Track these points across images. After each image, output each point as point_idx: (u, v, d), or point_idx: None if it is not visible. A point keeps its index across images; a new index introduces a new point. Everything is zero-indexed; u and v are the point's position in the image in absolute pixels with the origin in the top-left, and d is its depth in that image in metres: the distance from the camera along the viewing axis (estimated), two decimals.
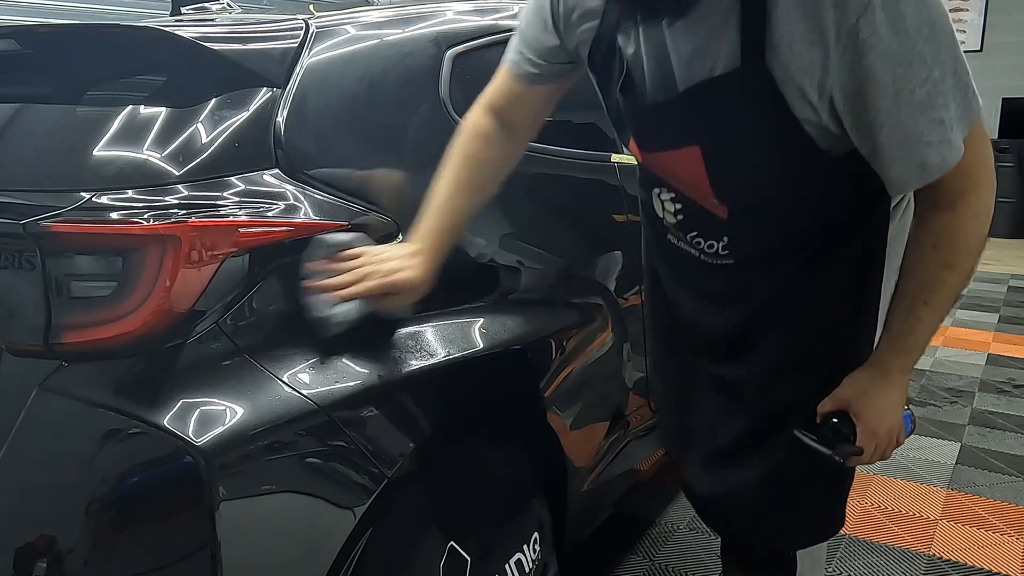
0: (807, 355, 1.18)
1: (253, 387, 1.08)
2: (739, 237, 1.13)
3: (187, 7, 1.91)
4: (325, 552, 1.13)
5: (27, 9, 3.92)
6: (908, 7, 0.86)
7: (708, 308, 1.25)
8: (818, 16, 0.88)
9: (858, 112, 0.93)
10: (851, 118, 0.94)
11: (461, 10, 1.66)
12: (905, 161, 0.95)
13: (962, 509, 2.52)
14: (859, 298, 1.17)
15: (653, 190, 1.21)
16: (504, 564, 1.45)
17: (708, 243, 1.16)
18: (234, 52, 1.25)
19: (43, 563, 1.00)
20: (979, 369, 3.79)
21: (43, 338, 1.03)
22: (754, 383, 1.22)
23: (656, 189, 1.20)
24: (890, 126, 0.92)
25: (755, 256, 1.14)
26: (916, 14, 0.86)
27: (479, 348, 1.37)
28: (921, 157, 0.94)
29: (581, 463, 1.68)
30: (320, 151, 1.26)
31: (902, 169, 0.97)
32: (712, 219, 1.12)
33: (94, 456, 1.02)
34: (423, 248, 1.20)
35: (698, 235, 1.17)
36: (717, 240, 1.15)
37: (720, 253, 1.16)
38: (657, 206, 1.22)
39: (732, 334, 1.22)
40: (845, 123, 0.95)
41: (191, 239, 1.05)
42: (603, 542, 2.27)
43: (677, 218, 1.18)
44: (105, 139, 1.13)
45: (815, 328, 1.17)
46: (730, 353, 1.24)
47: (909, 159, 0.95)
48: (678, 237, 1.22)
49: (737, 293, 1.19)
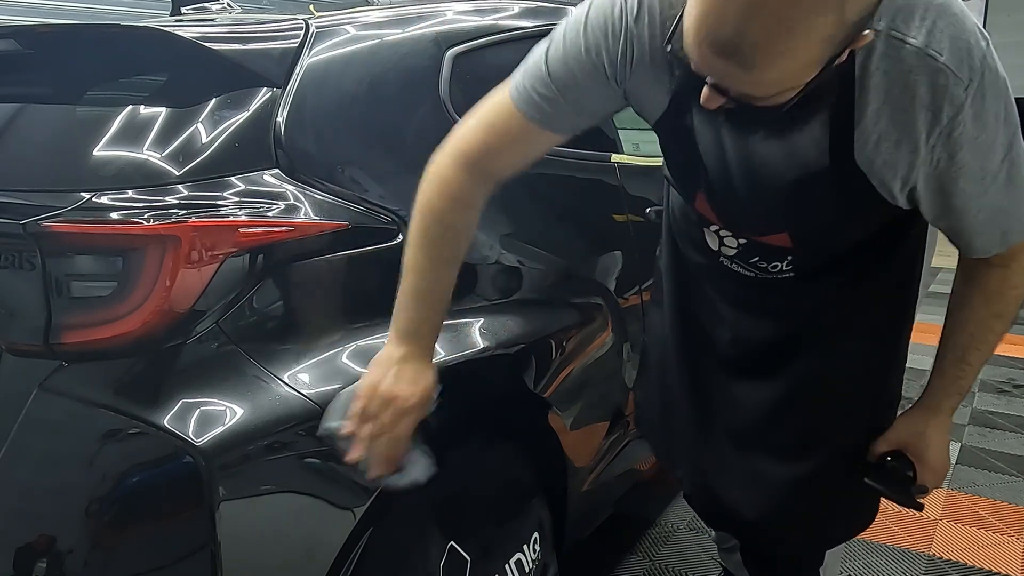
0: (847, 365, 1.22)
1: (253, 387, 1.08)
2: (801, 258, 1.16)
3: (187, 7, 1.91)
4: (325, 552, 1.13)
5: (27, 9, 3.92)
6: (990, 100, 0.91)
7: (757, 321, 1.25)
8: (910, 120, 0.92)
9: (945, 198, 0.99)
10: (936, 203, 1.00)
11: (461, 10, 1.65)
12: (990, 232, 1.02)
13: (962, 509, 2.52)
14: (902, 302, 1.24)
15: (706, 227, 1.21)
16: (504, 564, 1.45)
17: (772, 264, 1.18)
18: (234, 52, 1.25)
19: (43, 563, 1.00)
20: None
21: (43, 338, 1.03)
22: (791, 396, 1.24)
23: (713, 227, 1.19)
24: (977, 206, 0.99)
25: (814, 267, 1.17)
26: (996, 105, 0.92)
27: (479, 348, 1.37)
28: (1005, 227, 1.02)
29: (581, 463, 1.68)
30: (320, 151, 1.26)
31: (987, 239, 1.03)
32: (776, 247, 1.15)
33: (94, 456, 1.02)
34: (418, 347, 1.11)
35: (760, 259, 1.18)
36: (780, 261, 1.17)
37: (783, 270, 1.18)
38: (711, 240, 1.21)
39: (776, 347, 1.24)
40: (925, 206, 1.02)
41: (191, 239, 1.05)
42: (603, 542, 2.27)
43: (737, 249, 1.19)
44: (105, 139, 1.13)
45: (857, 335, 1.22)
46: (767, 368, 1.25)
47: (994, 231, 1.02)
48: (732, 260, 1.21)
49: (792, 304, 1.23)
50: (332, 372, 1.16)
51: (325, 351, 1.17)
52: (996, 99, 0.92)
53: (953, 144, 0.92)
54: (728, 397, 1.31)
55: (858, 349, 1.22)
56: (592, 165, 1.83)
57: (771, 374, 1.25)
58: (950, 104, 0.90)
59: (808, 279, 1.18)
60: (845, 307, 1.21)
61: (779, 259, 1.16)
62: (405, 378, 1.08)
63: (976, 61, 0.89)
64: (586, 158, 1.81)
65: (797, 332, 1.23)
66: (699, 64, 0.84)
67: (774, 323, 1.24)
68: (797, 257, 1.15)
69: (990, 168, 0.95)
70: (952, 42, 0.88)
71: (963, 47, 0.89)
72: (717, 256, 1.23)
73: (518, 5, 1.83)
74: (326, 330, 1.19)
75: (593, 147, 1.87)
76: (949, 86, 0.89)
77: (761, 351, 1.26)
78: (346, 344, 1.20)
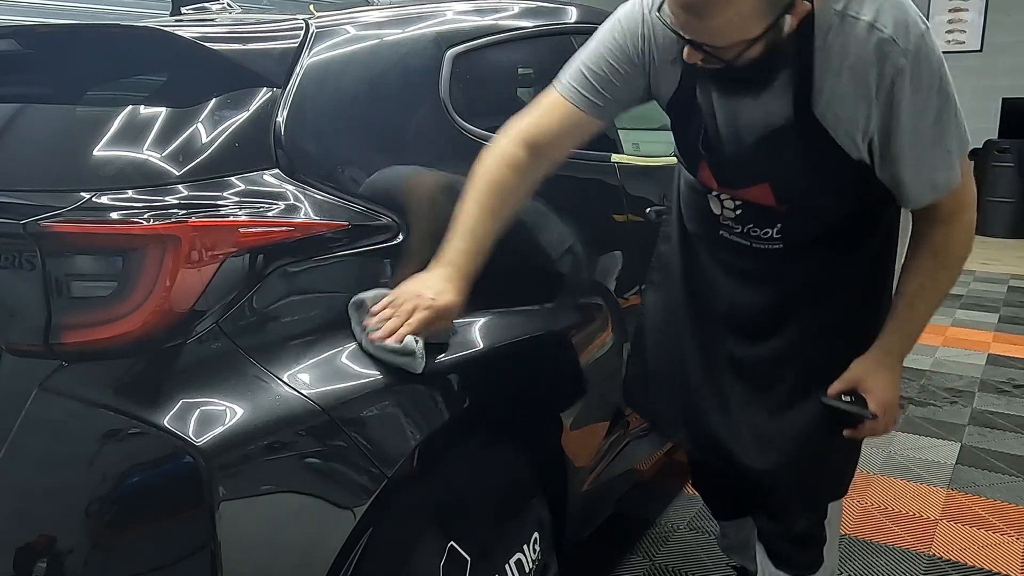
0: (834, 327, 1.40)
1: (253, 387, 1.08)
2: (789, 225, 1.35)
3: (187, 7, 1.91)
4: (325, 552, 1.13)
5: (27, 9, 3.92)
6: (925, 70, 1.14)
7: (750, 290, 1.44)
8: (863, 79, 1.15)
9: (885, 149, 1.20)
10: (880, 153, 1.21)
11: (461, 10, 1.65)
12: (920, 183, 1.22)
13: (962, 509, 2.52)
14: (877, 277, 1.43)
15: (710, 194, 1.40)
16: (504, 564, 1.45)
17: (763, 231, 1.36)
18: (234, 52, 1.25)
19: (43, 563, 1.00)
20: (979, 369, 3.78)
21: (43, 338, 1.03)
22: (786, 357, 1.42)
23: (715, 193, 1.39)
24: (910, 158, 1.20)
25: (800, 240, 1.36)
26: (929, 75, 1.15)
27: (479, 348, 1.37)
28: (932, 179, 1.22)
29: (581, 463, 1.68)
30: (320, 151, 1.26)
31: (918, 189, 1.23)
32: (767, 212, 1.34)
33: (94, 456, 1.02)
34: (453, 271, 1.28)
35: (754, 225, 1.37)
36: (771, 227, 1.35)
37: (773, 238, 1.36)
38: (715, 206, 1.41)
39: (767, 313, 1.43)
40: (875, 156, 1.22)
41: (191, 239, 1.05)
42: (603, 542, 2.27)
43: (736, 213, 1.38)
44: (105, 139, 1.13)
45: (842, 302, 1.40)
46: (762, 332, 1.44)
47: (923, 181, 1.22)
48: (731, 230, 1.41)
49: (781, 273, 1.40)
50: (332, 372, 1.16)
51: (325, 351, 1.17)
52: (931, 70, 1.14)
53: (893, 99, 1.15)
54: (729, 361, 1.48)
55: (840, 317, 1.40)
56: (592, 165, 1.83)
57: (763, 339, 1.44)
58: (892, 66, 1.13)
59: (794, 251, 1.37)
60: (827, 278, 1.39)
61: (769, 225, 1.35)
62: (432, 287, 1.25)
63: (913, 36, 1.12)
64: (586, 158, 1.81)
65: (784, 300, 1.41)
66: (675, 22, 1.12)
67: (764, 291, 1.43)
68: (784, 225, 1.34)
69: (921, 127, 1.17)
70: (895, 20, 1.12)
71: (903, 24, 1.13)
72: (718, 226, 1.42)
73: (518, 5, 1.83)
74: (326, 330, 1.19)
75: (593, 147, 1.87)
76: (892, 52, 1.12)
77: (753, 318, 1.44)
78: (346, 344, 1.20)
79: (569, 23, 1.94)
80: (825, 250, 1.37)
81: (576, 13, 1.97)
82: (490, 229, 1.32)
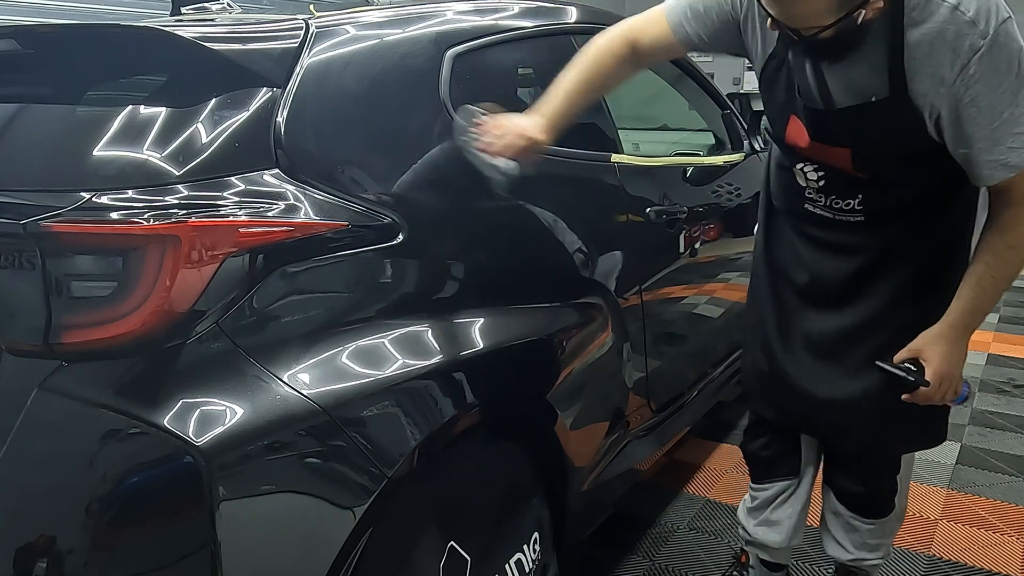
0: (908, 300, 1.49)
1: (253, 387, 1.08)
2: (870, 195, 1.44)
3: (187, 7, 1.91)
4: (325, 552, 1.13)
5: (27, 9, 3.92)
6: (1003, 54, 1.21)
7: (832, 261, 1.54)
8: (941, 58, 1.23)
9: (959, 127, 1.27)
10: (953, 131, 1.28)
11: (461, 10, 1.65)
12: (993, 162, 1.28)
13: (962, 509, 2.52)
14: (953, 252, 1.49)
15: (797, 165, 1.51)
16: (504, 564, 1.45)
17: (846, 202, 1.47)
18: (234, 52, 1.25)
19: (43, 563, 1.00)
20: (979, 369, 3.78)
21: (43, 338, 1.03)
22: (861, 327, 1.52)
23: (800, 164, 1.50)
24: (983, 137, 1.26)
25: (880, 212, 1.46)
26: (1008, 58, 1.21)
27: (479, 348, 1.37)
28: (1005, 159, 1.28)
29: (581, 463, 1.68)
30: (320, 151, 1.26)
31: (990, 168, 1.29)
32: (849, 181, 1.44)
33: (94, 456, 1.02)
34: (544, 119, 1.48)
35: (837, 196, 1.48)
36: (853, 198, 1.46)
37: (855, 209, 1.47)
38: (800, 178, 1.52)
39: (847, 284, 1.53)
40: (946, 134, 1.30)
41: (191, 239, 1.05)
42: (603, 542, 2.27)
43: (820, 184, 1.49)
44: (105, 139, 1.13)
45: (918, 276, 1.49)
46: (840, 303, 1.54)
47: (996, 160, 1.28)
48: (815, 203, 1.52)
49: (861, 245, 1.51)
50: (332, 372, 1.16)
51: (325, 351, 1.17)
52: (1009, 55, 1.21)
53: (969, 79, 1.22)
54: (808, 326, 1.60)
55: (915, 290, 1.49)
56: (592, 165, 1.83)
57: (841, 308, 1.55)
58: (970, 48, 1.20)
59: (875, 223, 1.47)
60: (904, 251, 1.48)
61: (852, 197, 1.46)
62: (530, 126, 1.45)
63: (993, 21, 1.20)
64: (586, 158, 1.81)
65: (863, 271, 1.51)
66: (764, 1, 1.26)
67: (846, 262, 1.53)
68: (866, 196, 1.44)
69: (997, 106, 1.23)
70: (978, 5, 1.20)
71: (985, 10, 1.20)
72: (803, 199, 1.54)
73: (518, 5, 1.83)
74: (326, 330, 1.19)
75: (593, 147, 1.87)
76: (971, 35, 1.20)
77: (833, 289, 1.55)
78: (346, 344, 1.20)
79: (569, 23, 1.94)
80: (904, 223, 1.46)
81: (576, 13, 1.97)
82: (581, 100, 1.53)
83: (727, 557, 2.21)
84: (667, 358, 2.14)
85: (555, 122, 1.49)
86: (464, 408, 1.33)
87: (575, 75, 1.53)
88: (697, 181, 2.32)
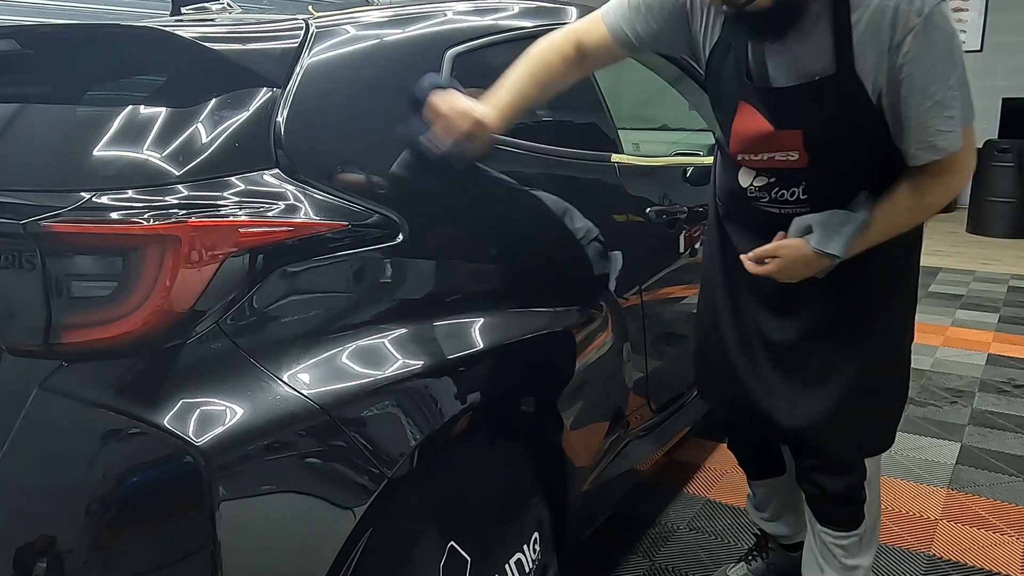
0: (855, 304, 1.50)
1: (253, 387, 1.08)
2: (813, 179, 1.43)
3: (187, 7, 1.91)
4: (325, 552, 1.13)
5: (27, 9, 3.92)
6: (937, 34, 1.24)
7: None
8: (881, 35, 1.26)
9: (894, 103, 1.30)
10: (889, 108, 1.31)
11: (461, 10, 1.66)
12: (921, 143, 1.31)
13: (962, 509, 2.52)
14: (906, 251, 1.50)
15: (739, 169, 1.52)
16: (504, 564, 1.45)
17: (790, 191, 1.47)
18: (234, 52, 1.25)
19: (43, 563, 1.00)
20: (979, 369, 3.78)
21: (43, 338, 1.03)
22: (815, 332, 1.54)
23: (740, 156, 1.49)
24: (915, 116, 1.29)
25: (825, 198, 1.44)
26: (942, 39, 1.24)
27: (479, 348, 1.37)
28: (933, 141, 1.30)
29: (581, 463, 1.68)
30: (320, 151, 1.26)
31: (918, 148, 1.31)
32: (791, 172, 1.43)
33: (94, 456, 1.02)
34: (494, 109, 1.45)
35: (780, 188, 1.47)
36: (797, 186, 1.45)
37: (800, 199, 1.46)
38: (744, 178, 1.52)
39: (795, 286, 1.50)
40: (885, 110, 1.32)
41: (191, 239, 1.05)
42: (603, 542, 2.27)
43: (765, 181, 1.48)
44: (105, 139, 1.13)
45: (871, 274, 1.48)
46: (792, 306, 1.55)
47: (924, 141, 1.30)
48: (760, 200, 1.51)
49: None
50: (332, 372, 1.16)
51: (325, 351, 1.17)
52: (943, 38, 1.24)
53: (904, 56, 1.25)
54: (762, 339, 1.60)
55: (864, 290, 1.49)
56: (592, 165, 1.83)
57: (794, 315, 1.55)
58: (905, 25, 1.23)
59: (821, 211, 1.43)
60: None
61: (796, 184, 1.45)
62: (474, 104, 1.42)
63: (928, 4, 1.22)
64: (586, 158, 1.81)
65: None
66: None
67: None
68: (808, 182, 1.43)
69: (930, 87, 1.26)
70: None
71: None
72: (747, 199, 1.53)
73: (518, 5, 1.83)
74: (326, 330, 1.19)
75: (593, 147, 1.87)
76: (908, 11, 1.23)
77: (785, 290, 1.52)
78: (346, 344, 1.20)
79: (569, 23, 1.94)
80: None
81: (576, 13, 1.97)
82: (530, 95, 1.51)
83: (727, 557, 2.21)
84: (667, 358, 2.14)
85: (504, 112, 1.46)
86: (464, 408, 1.33)
87: (523, 71, 1.51)
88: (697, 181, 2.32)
